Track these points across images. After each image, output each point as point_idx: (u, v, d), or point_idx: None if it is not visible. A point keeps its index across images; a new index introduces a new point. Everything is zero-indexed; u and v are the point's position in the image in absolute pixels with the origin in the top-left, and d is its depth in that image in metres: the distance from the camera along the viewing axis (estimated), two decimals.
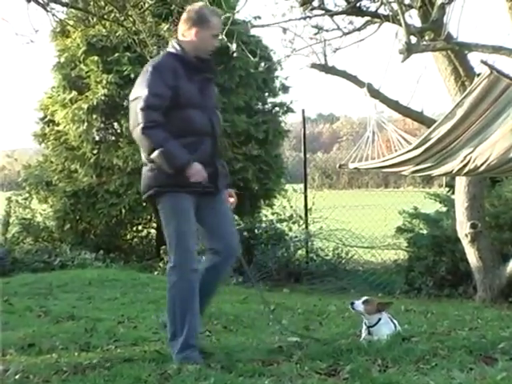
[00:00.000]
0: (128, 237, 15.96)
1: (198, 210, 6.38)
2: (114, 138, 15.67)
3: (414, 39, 8.31)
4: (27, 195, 15.76)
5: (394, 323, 6.89)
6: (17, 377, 5.87)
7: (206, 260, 6.62)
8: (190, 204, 6.32)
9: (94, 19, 14.28)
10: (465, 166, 8.41)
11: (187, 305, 6.30)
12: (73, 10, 14.37)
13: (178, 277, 6.30)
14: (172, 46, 6.44)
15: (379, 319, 6.73)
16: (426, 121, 9.69)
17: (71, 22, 14.85)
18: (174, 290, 6.33)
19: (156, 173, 6.24)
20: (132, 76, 14.64)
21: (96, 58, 14.81)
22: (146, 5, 11.59)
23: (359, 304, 6.73)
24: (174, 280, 6.35)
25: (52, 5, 13.17)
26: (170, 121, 6.18)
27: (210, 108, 6.43)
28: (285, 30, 9.26)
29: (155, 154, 6.06)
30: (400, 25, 8.25)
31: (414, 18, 9.47)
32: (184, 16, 6.47)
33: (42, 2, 12.97)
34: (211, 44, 6.49)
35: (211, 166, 6.30)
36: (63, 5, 13.72)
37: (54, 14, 13.48)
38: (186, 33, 6.40)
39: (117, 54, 14.84)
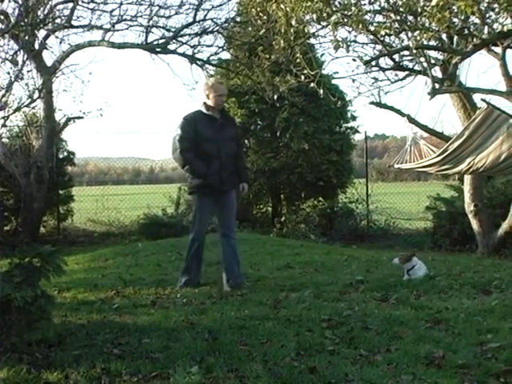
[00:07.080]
0: (254, 212, 15.92)
1: (215, 203, 6.71)
2: (244, 149, 15.75)
3: (437, 85, 8.22)
4: None
5: (424, 267, 6.90)
6: (184, 300, 6.02)
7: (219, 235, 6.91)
8: (207, 200, 6.69)
9: (233, 74, 14.55)
10: (470, 167, 8.41)
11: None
12: (219, 69, 14.63)
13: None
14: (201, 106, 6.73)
15: (414, 266, 6.75)
16: (444, 138, 9.57)
17: (218, 76, 15.08)
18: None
19: (189, 181, 6.72)
20: (256, 110, 14.80)
21: (234, 99, 14.89)
22: (265, 65, 11.68)
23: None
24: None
25: (206, 65, 13.54)
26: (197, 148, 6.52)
27: (220, 141, 6.59)
28: (353, 80, 9.25)
29: (186, 167, 6.55)
30: (428, 76, 8.18)
31: (437, 71, 9.37)
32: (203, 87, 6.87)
33: (199, 63, 13.30)
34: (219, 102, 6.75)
35: (217, 176, 6.53)
36: (213, 65, 14.04)
37: (207, 71, 13.84)
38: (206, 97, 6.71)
39: (247, 97, 14.87)
